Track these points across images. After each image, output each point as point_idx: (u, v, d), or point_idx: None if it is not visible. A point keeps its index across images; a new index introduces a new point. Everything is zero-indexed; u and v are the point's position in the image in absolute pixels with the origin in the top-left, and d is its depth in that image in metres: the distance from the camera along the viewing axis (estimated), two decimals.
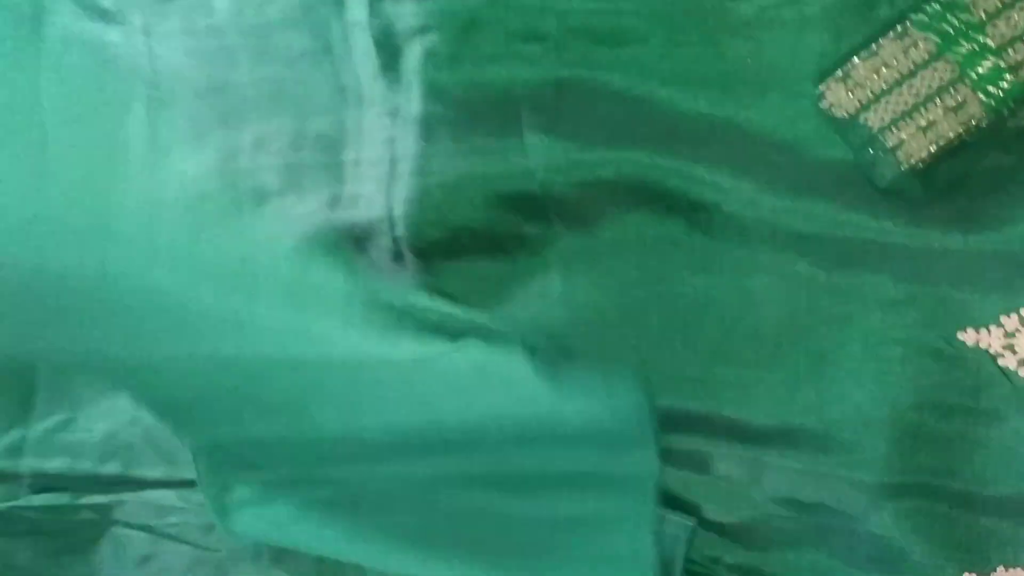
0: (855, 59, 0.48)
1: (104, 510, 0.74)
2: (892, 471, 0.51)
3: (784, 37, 0.52)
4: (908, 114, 0.48)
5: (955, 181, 0.49)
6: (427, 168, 0.61)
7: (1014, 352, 0.49)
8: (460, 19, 0.59)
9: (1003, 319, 0.49)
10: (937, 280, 0.50)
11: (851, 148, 0.50)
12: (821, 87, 0.49)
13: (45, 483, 0.74)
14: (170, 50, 0.71)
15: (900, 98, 0.48)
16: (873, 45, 0.48)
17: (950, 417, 0.50)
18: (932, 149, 0.48)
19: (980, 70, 0.45)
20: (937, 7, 0.46)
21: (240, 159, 0.68)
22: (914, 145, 0.48)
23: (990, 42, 0.45)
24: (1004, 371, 0.49)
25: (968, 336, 0.50)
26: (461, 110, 0.60)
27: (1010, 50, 0.45)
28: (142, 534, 0.73)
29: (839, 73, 0.49)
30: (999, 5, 0.44)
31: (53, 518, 0.74)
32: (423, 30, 0.61)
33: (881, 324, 0.51)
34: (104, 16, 0.71)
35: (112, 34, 0.72)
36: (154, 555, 0.73)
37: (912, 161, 0.48)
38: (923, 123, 0.47)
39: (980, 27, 0.45)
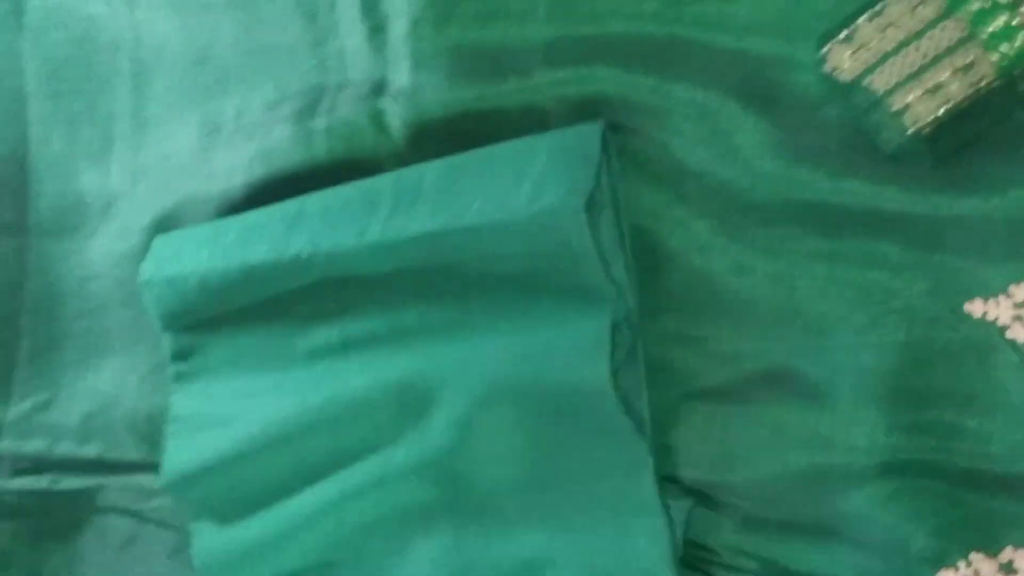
0: (860, 20, 0.46)
1: (86, 495, 0.72)
2: (890, 446, 0.48)
3: None
4: (915, 76, 0.45)
5: (963, 145, 0.47)
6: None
7: (1023, 323, 0.47)
8: None
9: (1012, 288, 0.47)
10: (943, 248, 0.47)
11: (855, 113, 0.47)
12: (824, 50, 0.47)
13: (24, 466, 0.73)
14: (154, 21, 0.69)
15: (907, 59, 0.45)
16: (879, 4, 0.45)
17: (954, 391, 0.48)
18: (940, 112, 0.45)
19: (991, 28, 0.43)
20: None
21: (222, 133, 0.66)
22: (921, 108, 0.45)
23: None
24: (1012, 344, 0.47)
25: (975, 307, 0.48)
26: (450, 75, 0.58)
27: (1021, 6, 0.42)
28: (125, 518, 0.71)
29: (843, 35, 0.46)
30: None
31: (33, 502, 0.72)
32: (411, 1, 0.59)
33: (884, 294, 0.49)
34: None
35: (95, 6, 0.71)
36: (137, 539, 0.71)
37: (919, 125, 0.46)
38: (931, 85, 0.45)
39: None
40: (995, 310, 0.48)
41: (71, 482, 0.72)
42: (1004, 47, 0.43)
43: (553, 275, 0.53)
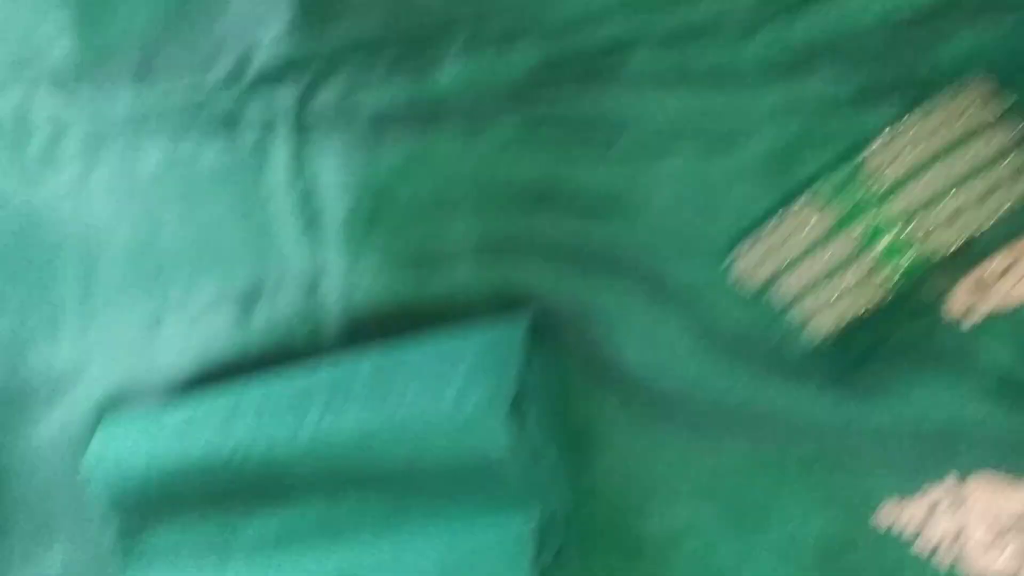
0: (763, 230, 0.48)
1: None
2: None
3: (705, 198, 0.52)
4: (815, 288, 0.47)
5: (863, 354, 0.48)
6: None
7: (927, 536, 0.48)
8: (377, 184, 0.60)
9: (919, 497, 0.48)
10: (851, 457, 0.49)
11: (763, 320, 0.49)
12: (731, 256, 0.49)
13: None
14: (100, 208, 0.71)
15: (807, 271, 0.47)
16: (780, 216, 0.48)
17: None
18: (838, 324, 0.47)
19: (883, 243, 0.45)
20: (841, 178, 0.45)
21: (164, 323, 0.67)
22: (821, 319, 0.47)
23: (892, 214, 0.44)
24: (917, 558, 0.48)
25: (881, 518, 0.49)
26: (381, 273, 0.60)
27: (911, 223, 0.44)
28: None
29: (747, 245, 0.49)
30: (899, 178, 0.44)
31: None
32: (342, 196, 0.61)
33: (798, 508, 0.50)
34: (32, 175, 0.71)
35: (42, 193, 0.73)
36: None
37: (820, 335, 0.47)
38: (829, 297, 0.47)
39: (881, 200, 0.44)
40: (901, 521, 0.49)
41: None
42: (896, 261, 0.44)
43: (480, 477, 0.54)
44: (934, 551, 0.47)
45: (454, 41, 0.57)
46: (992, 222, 0.42)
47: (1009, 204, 0.41)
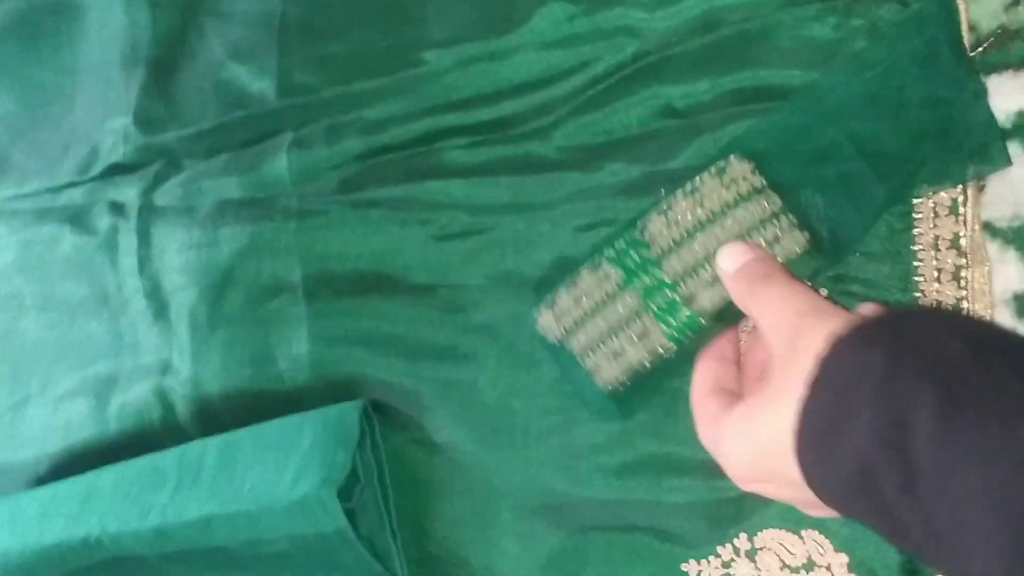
0: (561, 289, 0.51)
1: None
2: None
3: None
4: (602, 341, 0.49)
5: (644, 400, 0.51)
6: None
7: None
8: (217, 274, 0.63)
9: (719, 549, 0.52)
10: (654, 526, 0.53)
11: (562, 371, 0.52)
12: (535, 312, 0.52)
13: None
14: None
15: (596, 326, 0.49)
16: (575, 276, 0.50)
17: None
18: (623, 375, 0.49)
19: (659, 303, 0.47)
20: (623, 243, 0.48)
21: (28, 407, 0.69)
22: (608, 371, 0.49)
23: (666, 277, 0.47)
24: None
25: (691, 567, 0.53)
26: (225, 360, 0.63)
27: (683, 284, 0.46)
28: None
29: (548, 300, 0.51)
30: (672, 244, 0.47)
31: None
32: (186, 286, 0.64)
33: (612, 573, 0.53)
34: None
35: None
36: None
37: (609, 385, 0.50)
38: (615, 350, 0.49)
39: (657, 263, 0.47)
40: (707, 569, 0.52)
41: None
42: (671, 320, 0.47)
43: (321, 554, 0.57)
44: None
45: (285, 137, 0.61)
46: None
47: None
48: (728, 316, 0.46)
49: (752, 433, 0.38)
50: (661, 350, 0.48)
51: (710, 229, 0.46)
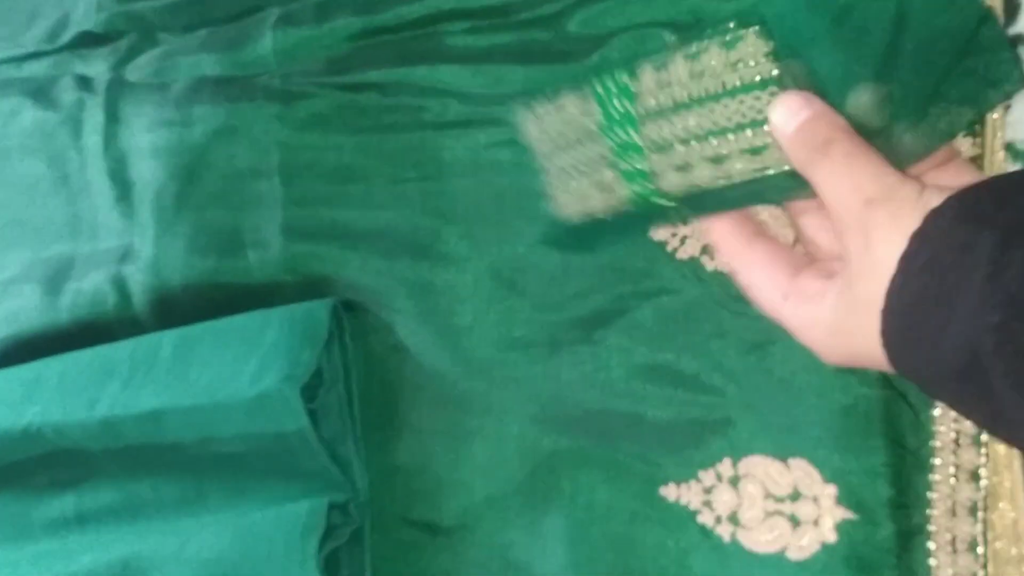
0: (549, 105, 0.45)
1: None
2: None
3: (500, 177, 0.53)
4: (569, 175, 0.45)
5: (595, 244, 0.48)
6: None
7: (712, 509, 0.50)
8: (188, 156, 0.59)
9: (700, 474, 0.50)
10: (634, 441, 0.50)
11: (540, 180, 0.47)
12: (521, 118, 0.46)
13: None
14: None
15: (567, 158, 0.45)
16: (562, 96, 0.44)
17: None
18: (578, 216, 0.45)
19: (627, 165, 0.43)
20: (613, 86, 0.42)
21: None
22: (566, 206, 0.46)
23: (639, 141, 0.42)
24: (703, 527, 0.49)
25: (670, 491, 0.50)
26: (191, 247, 0.59)
27: (653, 156, 0.41)
28: None
29: (535, 110, 0.46)
30: (655, 107, 0.41)
31: None
32: (155, 166, 0.59)
33: (586, 486, 0.51)
34: None
35: None
36: None
37: (563, 217, 0.46)
38: (579, 189, 0.45)
39: (636, 123, 0.42)
40: (687, 495, 0.50)
41: None
42: (635, 186, 0.43)
43: (273, 458, 0.53)
44: (717, 522, 0.49)
45: (271, 13, 0.57)
46: (718, 185, 0.42)
47: (739, 178, 0.41)
48: (697, 207, 0.41)
49: (843, 331, 0.34)
50: (622, 208, 0.43)
51: (697, 110, 0.39)
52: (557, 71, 0.51)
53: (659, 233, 0.49)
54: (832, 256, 0.37)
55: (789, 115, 0.35)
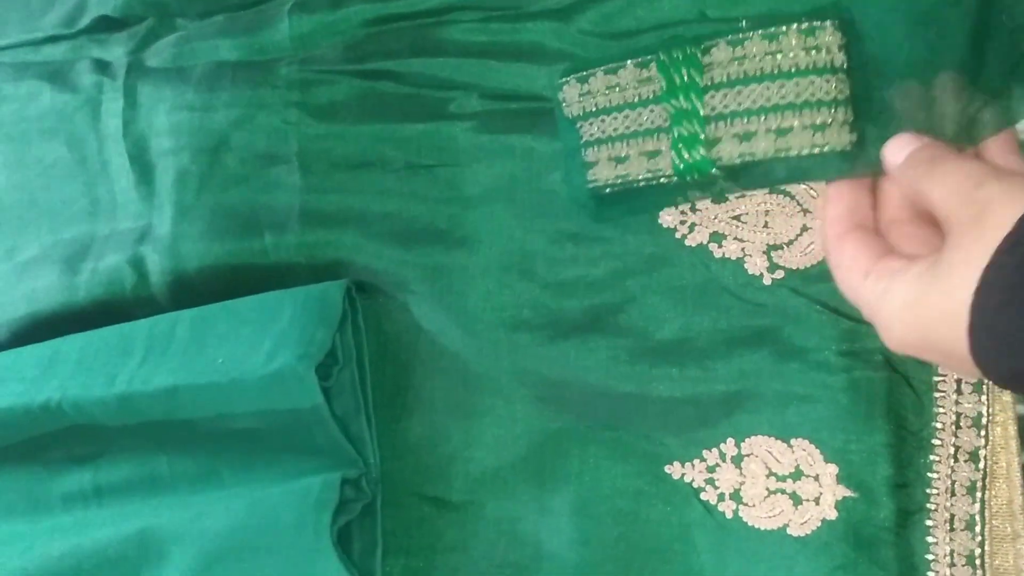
0: (599, 70, 0.47)
1: None
2: None
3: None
4: (609, 141, 0.47)
5: (625, 215, 0.49)
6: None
7: (715, 486, 0.51)
8: (208, 140, 0.60)
9: (704, 453, 0.51)
10: (641, 420, 0.51)
11: (565, 146, 0.49)
12: (561, 81, 0.48)
13: None
14: None
15: (614, 123, 0.47)
16: (618, 65, 0.46)
17: (661, 554, 0.51)
18: (615, 181, 0.47)
19: (684, 131, 0.44)
20: (680, 56, 0.44)
21: None
22: (603, 170, 0.47)
23: (702, 109, 0.44)
24: (706, 504, 0.50)
25: (674, 469, 0.51)
26: (209, 229, 0.60)
27: (713, 125, 0.44)
28: None
29: (581, 75, 0.47)
30: (726, 79, 0.43)
31: None
32: (175, 150, 0.61)
33: (593, 464, 0.52)
34: None
35: None
36: None
37: (597, 185, 0.47)
38: (619, 154, 0.46)
39: (702, 92, 0.44)
40: (691, 473, 0.51)
41: None
42: (685, 153, 0.44)
43: (292, 433, 0.55)
44: (720, 500, 0.50)
45: (286, 1, 0.58)
46: (771, 157, 0.42)
47: (796, 151, 0.42)
48: (743, 179, 0.44)
49: (923, 303, 0.36)
50: (663, 177, 0.45)
51: (768, 85, 0.42)
52: (567, 64, 0.51)
53: (668, 220, 0.50)
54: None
55: (899, 149, 0.40)
